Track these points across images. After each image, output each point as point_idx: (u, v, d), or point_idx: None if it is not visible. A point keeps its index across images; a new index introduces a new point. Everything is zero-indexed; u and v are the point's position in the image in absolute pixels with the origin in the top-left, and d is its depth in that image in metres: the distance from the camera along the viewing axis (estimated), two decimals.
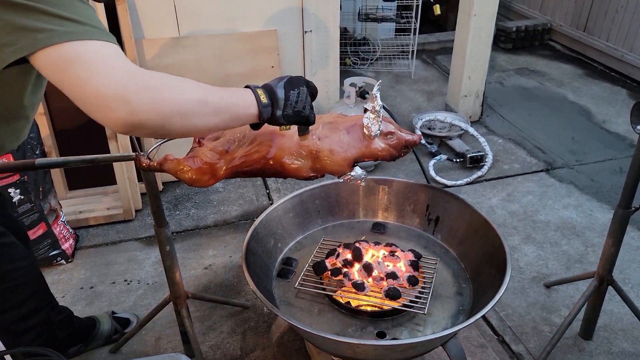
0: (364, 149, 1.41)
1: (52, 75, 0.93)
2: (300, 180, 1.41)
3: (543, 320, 2.10)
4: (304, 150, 1.36)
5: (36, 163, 1.40)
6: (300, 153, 1.36)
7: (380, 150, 1.42)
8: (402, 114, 3.70)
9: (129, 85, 0.92)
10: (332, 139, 1.39)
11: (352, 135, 1.41)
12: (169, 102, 0.97)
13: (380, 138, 1.43)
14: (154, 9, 2.66)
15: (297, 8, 2.90)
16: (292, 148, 1.36)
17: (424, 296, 1.63)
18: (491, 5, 3.23)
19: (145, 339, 2.03)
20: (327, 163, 1.38)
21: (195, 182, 1.33)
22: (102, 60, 0.92)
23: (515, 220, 2.68)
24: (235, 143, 1.37)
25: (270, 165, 1.35)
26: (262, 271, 1.74)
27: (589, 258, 2.42)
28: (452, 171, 3.10)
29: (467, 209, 1.85)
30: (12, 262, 1.59)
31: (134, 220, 2.70)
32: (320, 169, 1.38)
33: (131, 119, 0.92)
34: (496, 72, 4.40)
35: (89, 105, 0.92)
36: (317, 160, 1.37)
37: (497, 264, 1.63)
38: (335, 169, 1.39)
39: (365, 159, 1.42)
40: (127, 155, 1.43)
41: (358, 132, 1.42)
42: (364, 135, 1.41)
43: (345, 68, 4.36)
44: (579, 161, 3.19)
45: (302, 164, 1.36)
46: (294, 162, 1.35)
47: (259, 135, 1.37)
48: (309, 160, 1.37)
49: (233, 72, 2.88)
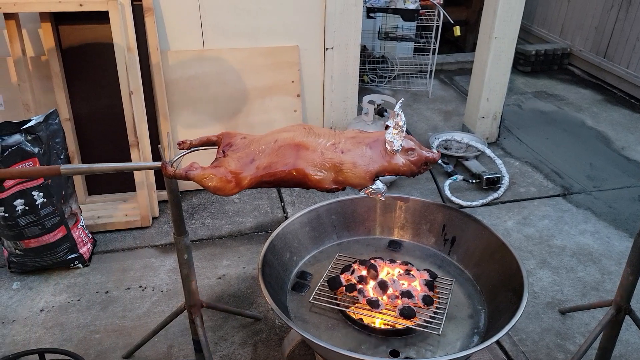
0: (385, 163, 1.42)
1: None
2: (322, 191, 1.42)
3: (557, 347, 2.08)
4: (327, 162, 1.38)
5: (61, 170, 1.43)
6: (323, 165, 1.38)
7: (402, 165, 1.43)
8: (419, 133, 3.71)
9: None
10: (355, 152, 1.41)
11: (374, 150, 1.43)
12: None
13: (402, 154, 1.44)
14: (180, 22, 2.72)
15: (320, 25, 2.95)
16: (315, 160, 1.38)
17: (439, 317, 1.63)
18: (512, 29, 3.25)
19: (157, 347, 2.04)
20: (350, 176, 1.39)
21: (220, 190, 1.35)
22: None
23: (531, 244, 2.66)
24: (260, 154, 1.40)
25: (294, 176, 1.37)
26: (277, 284, 1.75)
27: (605, 286, 2.40)
28: (468, 192, 3.09)
29: (484, 230, 1.85)
30: None
31: (150, 228, 2.73)
32: (343, 181, 1.40)
33: None
34: (514, 94, 4.40)
35: None
36: (340, 172, 1.39)
37: (514, 287, 1.63)
38: (357, 182, 1.40)
39: (386, 173, 1.44)
40: (152, 164, 1.46)
41: (380, 147, 1.43)
42: (385, 151, 1.43)
43: (363, 85, 4.39)
44: (597, 187, 3.16)
45: (325, 175, 1.38)
46: (317, 173, 1.37)
47: (284, 146, 1.39)
48: (332, 172, 1.39)
49: (254, 86, 2.92)
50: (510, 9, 3.18)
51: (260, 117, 2.99)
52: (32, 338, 2.07)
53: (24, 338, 2.07)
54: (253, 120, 2.98)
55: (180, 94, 2.82)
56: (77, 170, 1.46)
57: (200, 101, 2.88)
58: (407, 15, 4.21)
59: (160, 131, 2.78)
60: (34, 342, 2.05)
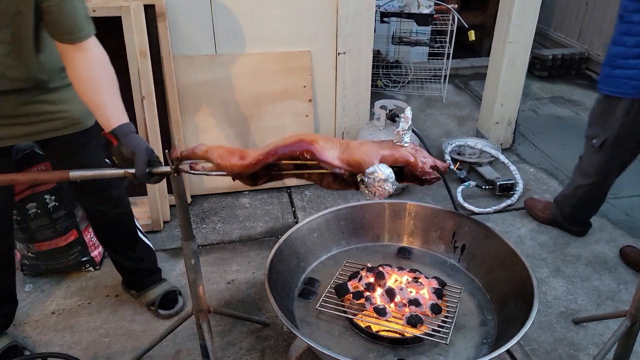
0: (394, 151, 1.39)
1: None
2: (327, 170, 1.37)
3: (570, 357, 2.03)
4: (334, 142, 1.37)
5: (70, 175, 1.44)
6: (330, 142, 1.37)
7: (412, 155, 1.39)
8: (432, 138, 3.68)
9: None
10: (363, 143, 1.41)
11: (382, 143, 1.42)
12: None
13: (409, 150, 1.41)
14: (193, 27, 2.73)
15: (332, 30, 2.94)
16: (322, 140, 1.37)
17: (447, 325, 1.60)
18: (527, 33, 3.21)
19: (165, 351, 2.05)
20: (357, 151, 1.36)
21: (223, 162, 1.35)
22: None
23: (545, 252, 2.61)
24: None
25: (299, 147, 1.35)
26: (284, 290, 1.75)
27: (621, 296, 2.34)
28: (481, 198, 3.05)
29: (494, 238, 1.82)
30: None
31: (161, 232, 2.74)
32: (348, 158, 1.36)
33: None
34: (530, 99, 4.34)
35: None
36: (347, 149, 1.36)
37: (524, 296, 1.60)
38: (363, 158, 1.35)
39: (394, 161, 1.39)
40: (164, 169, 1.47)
41: (389, 142, 1.42)
42: (394, 144, 1.40)
43: (377, 90, 4.38)
44: (614, 195, 3.09)
45: (330, 149, 1.36)
46: (323, 145, 1.35)
47: (291, 136, 1.39)
48: (338, 149, 1.37)
49: (265, 91, 2.93)
50: (525, 13, 3.14)
51: (272, 122, 2.99)
52: (42, 340, 2.09)
53: (34, 340, 2.09)
54: (264, 125, 2.99)
55: (192, 99, 2.84)
56: (85, 175, 1.47)
57: (212, 106, 2.89)
58: (421, 19, 4.18)
59: (172, 136, 2.80)
60: (44, 345, 2.07)
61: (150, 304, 2.20)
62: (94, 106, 1.54)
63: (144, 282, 2.23)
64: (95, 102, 1.53)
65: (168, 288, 2.24)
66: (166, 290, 2.23)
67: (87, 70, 1.54)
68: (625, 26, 2.05)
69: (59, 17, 1.47)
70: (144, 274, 2.24)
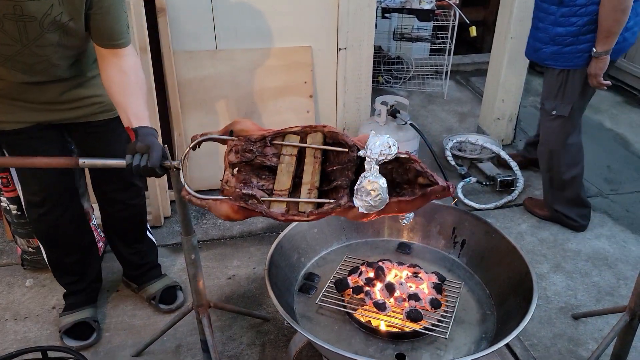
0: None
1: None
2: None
3: (569, 352, 2.04)
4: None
5: (80, 162, 1.46)
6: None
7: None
8: (433, 134, 3.68)
9: None
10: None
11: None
12: None
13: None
14: (193, 23, 2.73)
15: (333, 26, 2.94)
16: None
17: (446, 320, 1.61)
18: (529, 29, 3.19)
19: (166, 346, 2.05)
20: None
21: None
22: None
23: (545, 248, 2.61)
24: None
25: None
26: (284, 285, 1.75)
27: (620, 291, 2.34)
28: (482, 194, 3.05)
29: (494, 233, 1.82)
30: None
31: (162, 227, 2.75)
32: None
33: None
34: (531, 95, 4.33)
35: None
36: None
37: (524, 292, 1.60)
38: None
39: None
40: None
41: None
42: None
43: (378, 86, 4.37)
44: (614, 190, 3.10)
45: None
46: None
47: None
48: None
49: (266, 87, 2.92)
50: (526, 8, 3.12)
51: (273, 118, 2.99)
52: (43, 335, 2.10)
53: (35, 335, 2.10)
54: (265, 121, 2.98)
55: (193, 94, 2.84)
56: (94, 163, 1.51)
57: (213, 102, 2.89)
58: (422, 15, 4.17)
59: (173, 131, 2.80)
60: (45, 339, 2.08)
61: (151, 298, 2.21)
62: (119, 106, 1.62)
63: (145, 276, 2.24)
64: (120, 103, 1.61)
65: (169, 283, 2.25)
66: (167, 285, 2.24)
67: (119, 74, 1.63)
68: (569, 9, 2.25)
69: (102, 25, 1.58)
70: (147, 267, 2.25)
